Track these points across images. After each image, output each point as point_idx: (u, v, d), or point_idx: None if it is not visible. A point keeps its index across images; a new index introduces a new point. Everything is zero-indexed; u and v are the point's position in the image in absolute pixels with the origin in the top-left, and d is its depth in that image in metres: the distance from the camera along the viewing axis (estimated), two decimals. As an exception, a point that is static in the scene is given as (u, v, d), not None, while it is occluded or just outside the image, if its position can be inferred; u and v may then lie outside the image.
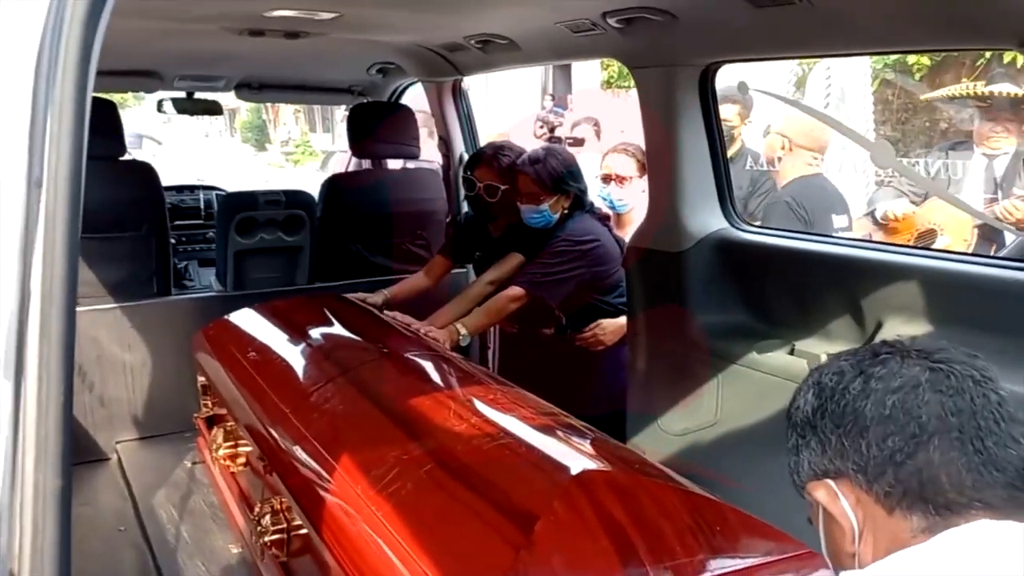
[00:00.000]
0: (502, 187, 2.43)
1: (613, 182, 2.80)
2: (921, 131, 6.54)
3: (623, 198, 2.79)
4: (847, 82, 4.80)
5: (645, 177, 2.70)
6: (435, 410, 1.42)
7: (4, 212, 0.56)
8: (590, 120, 4.09)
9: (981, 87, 3.48)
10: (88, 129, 0.58)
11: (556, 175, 2.34)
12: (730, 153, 3.32)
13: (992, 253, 2.90)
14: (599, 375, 2.45)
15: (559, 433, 1.35)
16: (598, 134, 4.01)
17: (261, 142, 27.60)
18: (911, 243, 3.11)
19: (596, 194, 2.72)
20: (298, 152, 23.78)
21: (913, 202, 3.32)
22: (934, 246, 3.02)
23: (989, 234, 2.97)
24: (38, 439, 0.55)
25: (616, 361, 2.41)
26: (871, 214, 3.41)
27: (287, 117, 27.34)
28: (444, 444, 1.29)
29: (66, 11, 0.56)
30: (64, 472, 0.56)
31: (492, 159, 2.47)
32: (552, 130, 4.12)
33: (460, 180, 2.93)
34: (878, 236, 3.23)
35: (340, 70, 3.34)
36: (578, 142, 3.87)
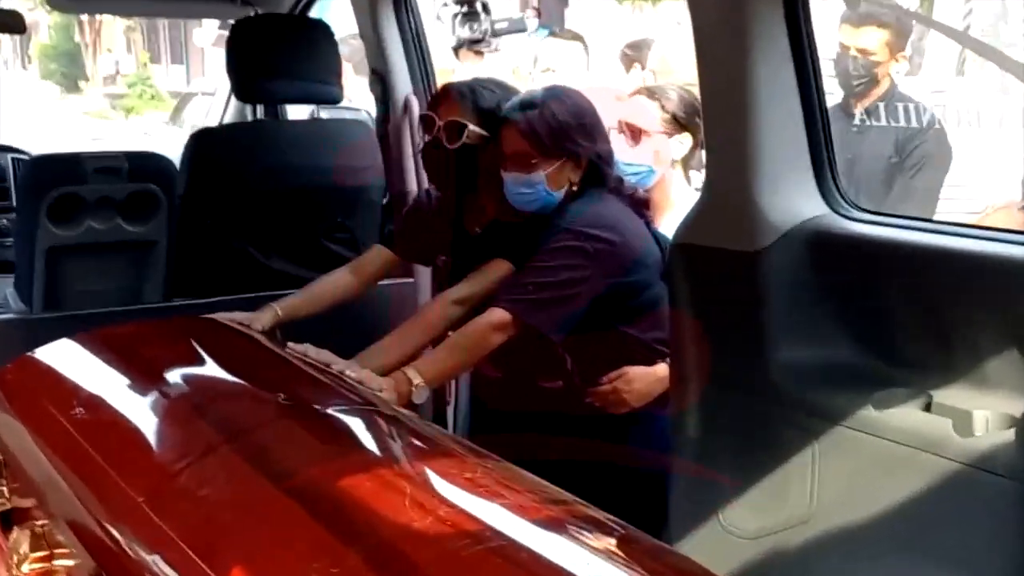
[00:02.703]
0: (476, 130, 2.45)
1: (623, 136, 2.81)
2: None
3: (637, 161, 2.79)
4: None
5: (677, 139, 2.75)
6: (380, 498, 1.42)
7: None
8: (570, 36, 4.16)
9: None
10: None
11: (559, 128, 2.36)
12: (868, 103, 3.38)
13: None
14: (626, 449, 2.47)
15: (578, 533, 1.36)
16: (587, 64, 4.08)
17: (72, 78, 27.37)
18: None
19: None
20: (133, 94, 23.65)
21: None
22: None
23: None
24: None
25: (652, 427, 2.44)
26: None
27: (115, 40, 27.19)
28: (398, 551, 1.28)
29: None
30: None
31: (467, 92, 2.51)
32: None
33: (407, 136, 2.95)
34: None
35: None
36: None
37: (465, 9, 3.59)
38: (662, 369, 2.44)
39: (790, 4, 2.01)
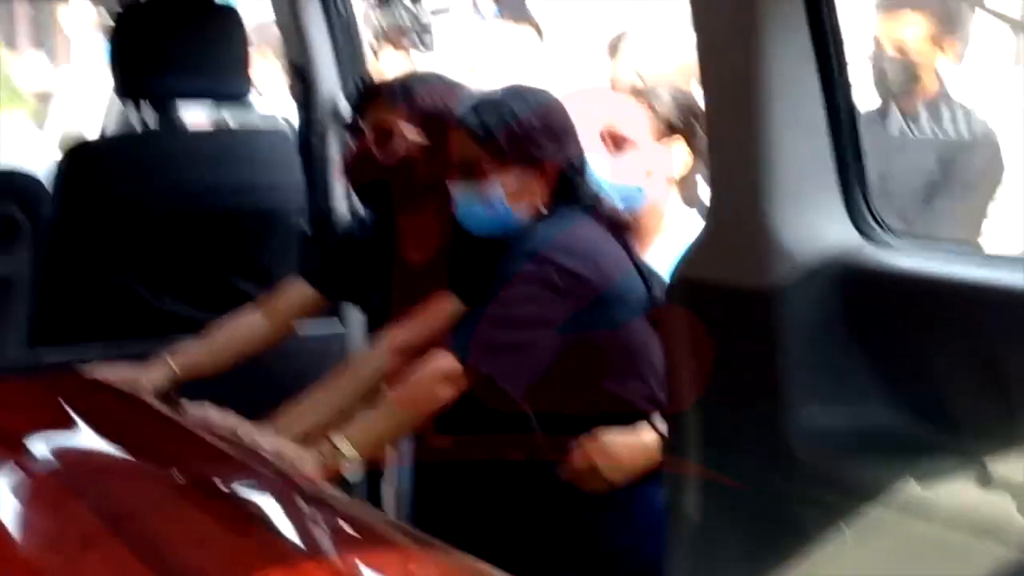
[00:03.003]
0: (415, 136, 2.48)
1: (604, 145, 2.82)
2: None
3: (622, 178, 2.79)
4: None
5: (673, 150, 2.77)
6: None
7: None
8: (519, 18, 4.17)
9: None
10: None
11: (521, 131, 2.39)
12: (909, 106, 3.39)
13: None
14: (609, 535, 2.46)
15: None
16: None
17: None
18: None
19: None
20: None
21: None
22: None
23: None
24: None
25: (639, 507, 2.46)
26: None
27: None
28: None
29: None
30: None
31: (401, 91, 2.53)
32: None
33: (334, 148, 2.95)
34: None
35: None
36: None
37: None
38: (648, 434, 2.44)
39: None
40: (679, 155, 2.84)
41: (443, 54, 4.87)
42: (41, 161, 3.14)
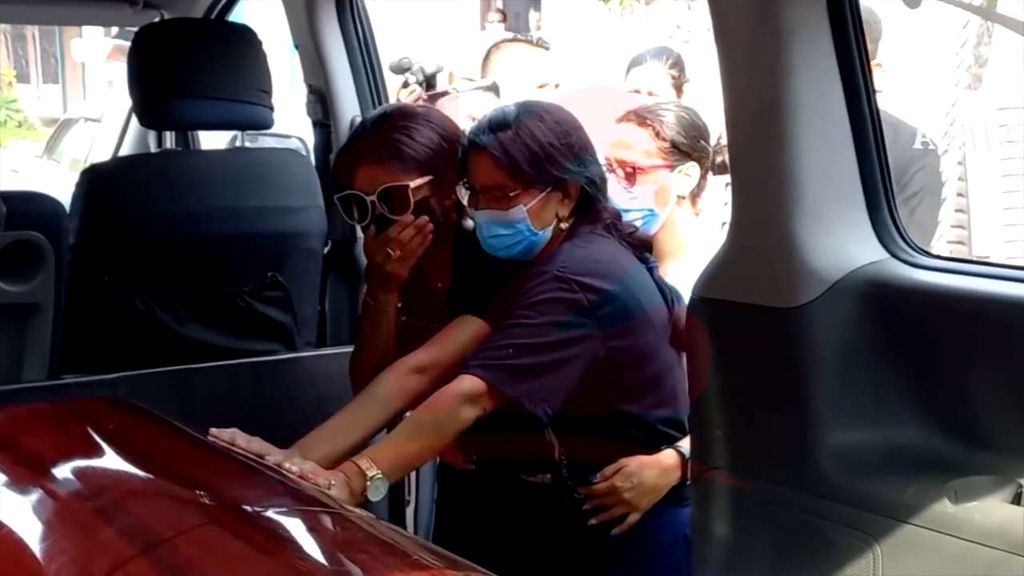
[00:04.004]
0: (421, 183, 2.45)
1: (614, 174, 2.83)
2: None
3: (640, 204, 2.82)
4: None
5: (681, 170, 2.78)
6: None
7: None
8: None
9: None
10: None
11: (541, 151, 2.38)
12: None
13: None
14: (629, 556, 2.48)
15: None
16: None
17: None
18: None
19: None
20: (-9, 122, 23.58)
21: None
22: None
23: None
24: None
25: (663, 529, 2.45)
26: None
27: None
28: None
29: None
30: None
31: (389, 144, 2.48)
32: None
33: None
34: None
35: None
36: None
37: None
38: (669, 457, 2.44)
39: (836, 7, 2.04)
40: (690, 174, 2.85)
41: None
42: (52, 186, 3.13)
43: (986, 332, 1.95)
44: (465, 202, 2.51)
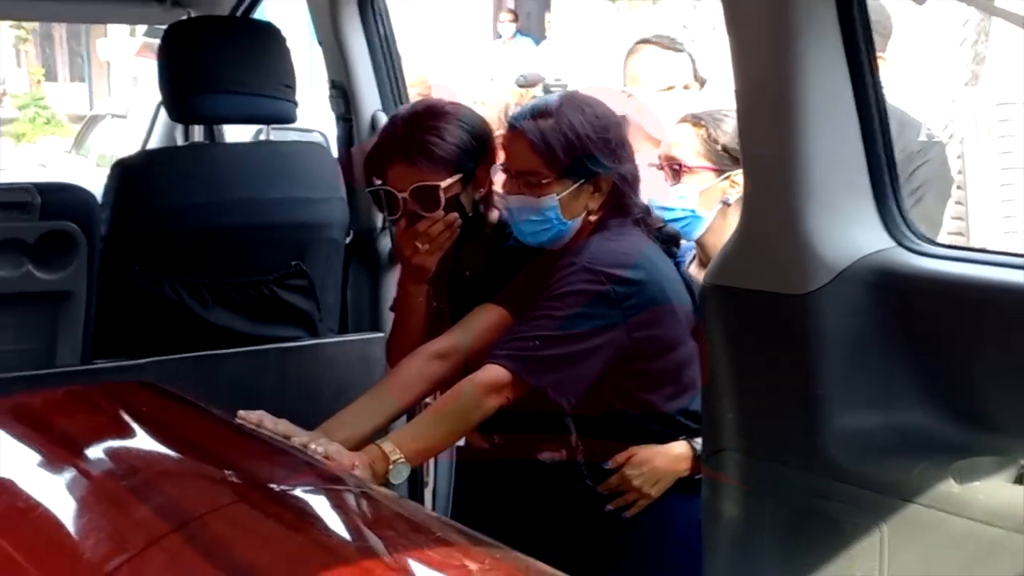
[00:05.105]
0: (452, 182, 2.47)
1: (664, 172, 2.81)
2: None
3: (687, 204, 2.77)
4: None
5: (731, 176, 2.75)
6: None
7: None
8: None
9: None
10: None
11: (578, 143, 2.37)
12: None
13: None
14: (641, 541, 2.48)
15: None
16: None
17: (-53, 99, 27.30)
18: None
19: None
20: (24, 119, 23.56)
21: None
22: None
23: None
24: None
25: (675, 515, 2.47)
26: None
27: (0, 53, 27.15)
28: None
29: None
30: None
31: (419, 144, 2.48)
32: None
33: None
34: None
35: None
36: None
37: None
38: (680, 446, 2.45)
39: (845, 7, 2.03)
40: (739, 181, 2.80)
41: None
42: (80, 180, 3.13)
43: (989, 318, 1.94)
44: (499, 185, 2.51)
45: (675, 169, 2.76)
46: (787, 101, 2.06)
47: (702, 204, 2.76)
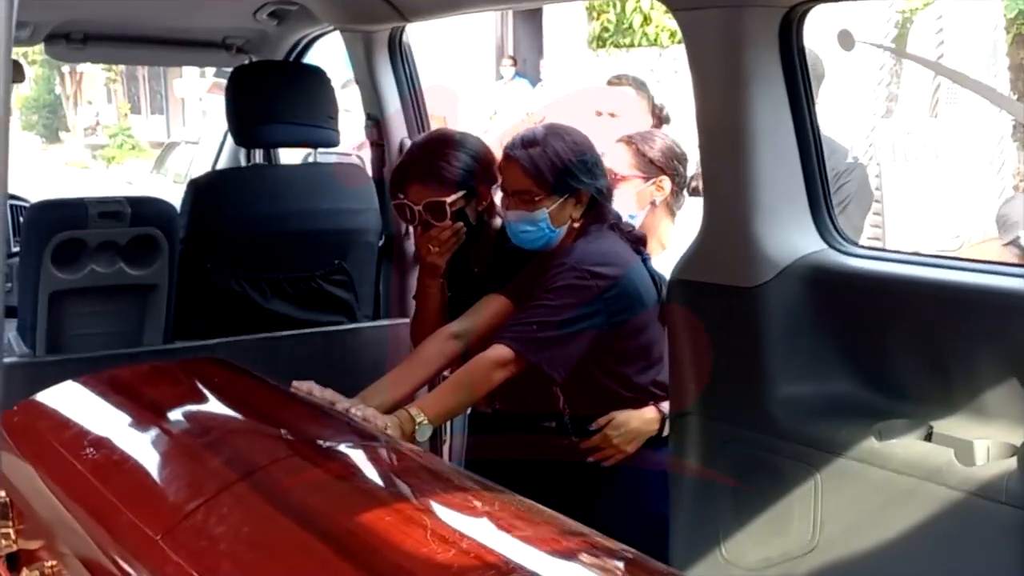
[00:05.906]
0: (457, 198, 2.49)
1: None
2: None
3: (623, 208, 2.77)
4: (965, 32, 5.03)
5: (655, 182, 2.77)
6: (402, 532, 1.40)
7: None
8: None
9: None
10: None
11: (561, 165, 2.38)
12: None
13: None
14: (619, 488, 2.47)
15: (596, 563, 1.35)
16: None
17: (53, 129, 27.30)
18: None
19: None
20: (113, 145, 23.63)
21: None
22: None
23: None
24: None
25: (647, 465, 2.43)
26: (1014, 241, 3.51)
27: (95, 91, 27.12)
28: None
29: None
30: None
31: (430, 166, 2.51)
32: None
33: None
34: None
35: (210, 14, 3.39)
36: None
37: None
38: (651, 411, 2.45)
39: (786, 47, 2.04)
40: (663, 186, 2.83)
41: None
42: (160, 196, 3.14)
43: (902, 305, 1.96)
44: (499, 202, 2.52)
45: (613, 178, 2.75)
46: (739, 130, 2.07)
47: (637, 204, 2.80)
